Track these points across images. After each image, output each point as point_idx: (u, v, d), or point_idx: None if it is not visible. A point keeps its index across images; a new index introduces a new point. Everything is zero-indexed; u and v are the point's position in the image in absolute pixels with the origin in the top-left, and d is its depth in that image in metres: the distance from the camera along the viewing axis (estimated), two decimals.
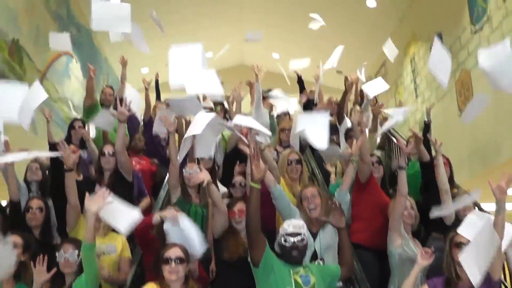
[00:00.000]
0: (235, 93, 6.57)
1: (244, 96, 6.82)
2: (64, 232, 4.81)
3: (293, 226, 3.85)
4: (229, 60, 17.28)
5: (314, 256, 4.30)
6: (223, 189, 5.82)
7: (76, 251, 3.96)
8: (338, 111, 7.53)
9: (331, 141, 7.03)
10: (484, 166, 8.67)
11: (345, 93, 7.63)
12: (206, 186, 4.78)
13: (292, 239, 3.77)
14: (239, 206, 4.55)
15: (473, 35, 9.23)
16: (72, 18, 12.06)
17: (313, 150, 7.88)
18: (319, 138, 4.54)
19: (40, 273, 3.93)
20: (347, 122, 7.33)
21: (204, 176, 4.81)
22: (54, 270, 3.95)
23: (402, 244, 4.61)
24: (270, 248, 3.84)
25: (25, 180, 5.83)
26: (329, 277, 3.93)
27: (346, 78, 7.80)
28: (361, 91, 8.45)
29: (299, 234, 3.80)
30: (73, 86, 12.11)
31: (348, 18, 13.86)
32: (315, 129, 4.57)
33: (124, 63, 8.15)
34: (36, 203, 4.87)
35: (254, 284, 3.87)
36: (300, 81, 8.76)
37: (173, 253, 3.81)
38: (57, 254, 4.00)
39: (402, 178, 4.70)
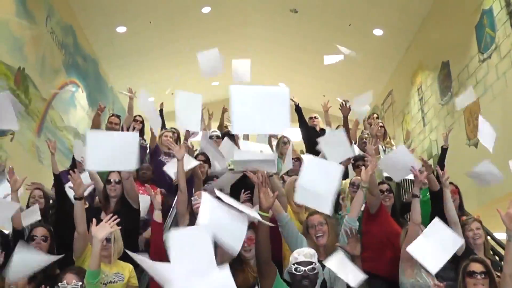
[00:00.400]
0: None
1: None
2: (64, 262, 4.67)
3: (304, 255, 3.71)
4: None
5: (323, 286, 4.15)
6: None
7: (80, 283, 3.82)
8: None
9: None
10: (492, 195, 8.52)
11: (345, 118, 7.64)
12: None
13: (303, 268, 3.64)
14: (248, 234, 4.40)
15: (481, 63, 9.19)
16: (78, 47, 12.08)
17: None
18: (323, 201, 3.89)
19: None
20: (355, 150, 7.29)
21: None
22: None
23: (414, 274, 4.48)
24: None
25: (27, 208, 5.73)
26: None
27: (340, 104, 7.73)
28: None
29: (310, 263, 3.67)
30: (79, 115, 12.10)
31: (355, 47, 13.76)
32: (322, 187, 3.91)
33: (131, 95, 8.10)
34: (40, 231, 4.72)
35: None
36: (298, 109, 8.58)
37: None
38: (59, 285, 3.86)
39: (416, 207, 4.59)
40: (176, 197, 5.30)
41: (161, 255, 3.73)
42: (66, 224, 4.62)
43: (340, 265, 3.94)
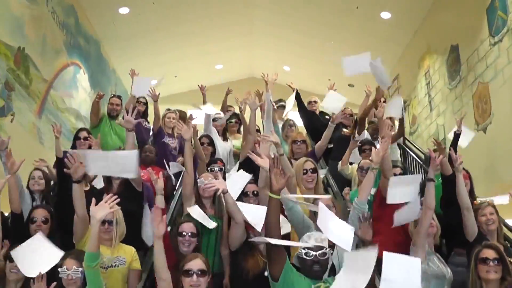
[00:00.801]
0: (250, 101, 6.25)
1: (259, 104, 6.52)
2: (66, 246, 4.51)
3: (315, 239, 3.56)
4: (238, 73, 17.10)
5: (333, 270, 3.99)
6: None
7: (81, 268, 3.67)
8: (358, 123, 7.33)
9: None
10: (500, 181, 8.37)
11: (370, 108, 7.46)
12: (222, 196, 4.49)
13: (313, 253, 3.49)
14: None
15: (492, 47, 8.97)
16: (79, 28, 11.86)
17: (327, 160, 7.70)
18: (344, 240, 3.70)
19: None
20: (365, 135, 7.27)
21: (220, 185, 4.50)
22: (54, 285, 3.67)
23: (426, 259, 4.32)
24: None
25: (28, 189, 5.58)
26: None
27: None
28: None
29: (321, 248, 3.52)
30: (81, 96, 11.92)
31: (362, 31, 13.61)
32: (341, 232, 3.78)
33: (134, 75, 7.92)
34: (41, 213, 4.60)
35: None
36: (297, 95, 8.39)
37: (195, 265, 3.56)
38: (59, 270, 3.72)
39: (431, 191, 4.43)
40: (181, 178, 5.17)
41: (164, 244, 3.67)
42: (67, 207, 4.40)
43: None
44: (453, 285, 4.34)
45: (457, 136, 6.18)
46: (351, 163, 6.90)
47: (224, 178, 5.23)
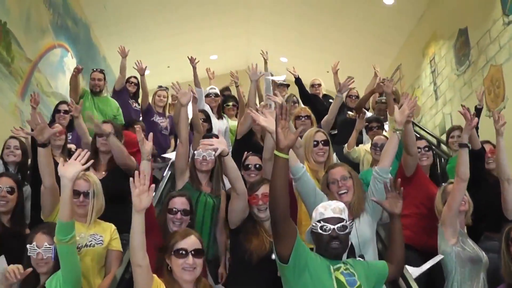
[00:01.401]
0: (250, 72, 5.62)
1: (260, 75, 5.92)
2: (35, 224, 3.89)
3: (332, 209, 2.92)
4: (235, 63, 16.50)
5: (351, 252, 3.39)
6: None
7: (53, 246, 3.05)
8: (359, 106, 7.09)
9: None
10: None
11: (369, 96, 7.43)
12: (221, 158, 3.79)
13: (331, 227, 2.84)
14: (264, 189, 3.60)
15: (506, 26, 8.41)
16: (68, 8, 11.17)
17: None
18: None
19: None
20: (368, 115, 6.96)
21: (220, 144, 3.75)
22: (28, 271, 3.05)
23: (459, 241, 3.75)
24: None
25: (1, 159, 4.97)
26: (374, 277, 3.01)
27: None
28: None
29: (340, 220, 2.88)
30: (67, 81, 11.23)
31: (363, 18, 13.03)
32: None
33: (124, 54, 7.59)
34: (5, 181, 3.94)
35: None
36: (298, 81, 7.90)
37: (190, 243, 2.94)
38: (28, 247, 3.09)
39: (464, 159, 3.87)
40: (176, 150, 4.58)
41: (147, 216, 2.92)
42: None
43: None
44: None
45: (478, 111, 5.62)
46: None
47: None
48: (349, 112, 7.34)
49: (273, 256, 3.30)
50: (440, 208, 4.02)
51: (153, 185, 2.87)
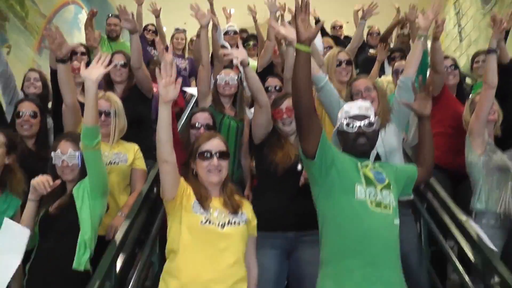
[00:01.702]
0: (269, 3, 5.40)
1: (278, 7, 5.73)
2: None
3: (358, 107, 2.80)
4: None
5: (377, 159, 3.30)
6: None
7: (78, 152, 3.02)
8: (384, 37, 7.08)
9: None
10: None
11: (394, 26, 7.30)
12: (242, 67, 3.61)
13: (357, 124, 2.73)
14: (287, 103, 3.46)
15: None
16: None
17: None
18: None
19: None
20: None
21: (240, 54, 3.56)
22: (57, 182, 3.00)
23: (486, 151, 3.63)
24: None
25: (22, 92, 4.94)
26: (403, 179, 2.89)
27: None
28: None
29: (366, 117, 2.77)
30: (83, 38, 11.17)
31: None
32: None
33: (139, 1, 7.55)
34: (28, 106, 3.87)
35: (307, 201, 2.85)
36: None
37: (215, 145, 2.85)
38: (52, 154, 3.06)
39: (492, 65, 3.72)
40: (198, 74, 4.51)
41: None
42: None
43: None
44: None
45: (507, 33, 5.42)
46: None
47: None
48: (371, 50, 7.19)
49: (299, 167, 3.24)
50: (468, 119, 3.88)
51: (180, 78, 2.75)
